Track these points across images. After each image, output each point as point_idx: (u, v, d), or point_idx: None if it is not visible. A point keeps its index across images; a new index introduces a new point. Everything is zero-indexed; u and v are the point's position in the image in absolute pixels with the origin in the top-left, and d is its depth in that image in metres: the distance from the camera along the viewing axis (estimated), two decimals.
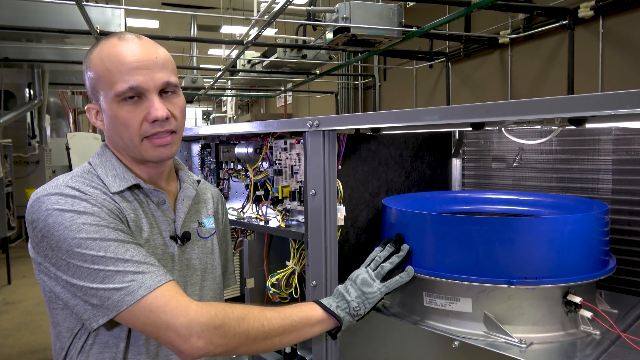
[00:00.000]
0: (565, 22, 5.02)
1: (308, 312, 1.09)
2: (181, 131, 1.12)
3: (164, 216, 1.13)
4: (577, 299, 1.12)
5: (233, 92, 12.10)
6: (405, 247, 1.23)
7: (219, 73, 8.20)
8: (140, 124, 1.04)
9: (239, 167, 1.86)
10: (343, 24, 4.64)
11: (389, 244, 1.24)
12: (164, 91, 1.06)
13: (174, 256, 1.12)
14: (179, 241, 1.13)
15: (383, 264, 1.20)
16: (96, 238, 0.95)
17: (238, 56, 7.03)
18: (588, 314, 1.13)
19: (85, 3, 4.62)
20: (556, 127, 1.36)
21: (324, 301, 1.14)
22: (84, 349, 1.03)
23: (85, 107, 1.12)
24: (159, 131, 1.05)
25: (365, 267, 1.21)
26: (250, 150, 1.73)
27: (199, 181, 1.27)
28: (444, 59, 7.07)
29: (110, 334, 1.03)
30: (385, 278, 1.18)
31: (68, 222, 0.95)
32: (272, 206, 1.63)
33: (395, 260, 1.21)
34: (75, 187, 1.01)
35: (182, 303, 0.95)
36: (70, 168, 6.44)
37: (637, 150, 1.44)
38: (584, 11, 4.87)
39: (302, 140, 1.47)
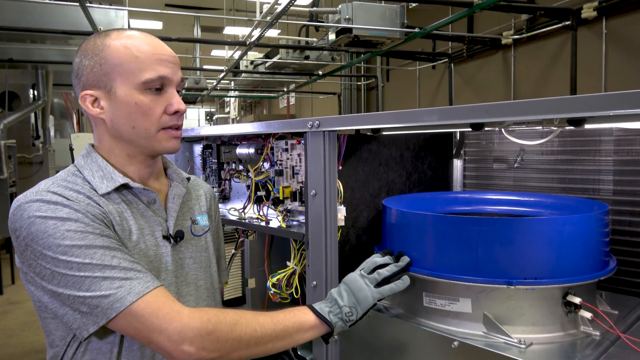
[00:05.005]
0: (568, 22, 5.01)
1: (301, 318, 1.07)
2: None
3: (155, 216, 1.11)
4: (577, 300, 1.12)
5: (236, 93, 12.12)
6: (405, 259, 1.22)
7: (222, 74, 8.24)
8: (161, 114, 1.07)
9: (241, 167, 1.87)
10: (345, 25, 4.65)
11: (389, 255, 1.23)
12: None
13: (167, 256, 1.10)
14: (172, 240, 1.12)
15: (380, 270, 1.17)
16: (81, 245, 0.93)
17: (241, 57, 7.05)
18: (588, 314, 1.13)
19: (88, 4, 4.64)
20: (556, 128, 1.36)
21: (317, 306, 1.11)
22: (76, 356, 1.02)
23: (80, 94, 1.07)
24: (176, 124, 1.09)
25: (360, 271, 1.18)
26: (252, 150, 1.74)
27: (188, 178, 1.26)
28: (447, 59, 7.06)
29: (103, 340, 1.02)
30: (379, 284, 1.15)
31: (52, 230, 0.93)
32: (273, 207, 1.64)
33: (392, 269, 1.18)
34: (57, 192, 0.98)
35: (175, 309, 0.94)
36: None
37: (638, 151, 1.44)
38: (587, 12, 4.86)
39: (303, 141, 1.47)
